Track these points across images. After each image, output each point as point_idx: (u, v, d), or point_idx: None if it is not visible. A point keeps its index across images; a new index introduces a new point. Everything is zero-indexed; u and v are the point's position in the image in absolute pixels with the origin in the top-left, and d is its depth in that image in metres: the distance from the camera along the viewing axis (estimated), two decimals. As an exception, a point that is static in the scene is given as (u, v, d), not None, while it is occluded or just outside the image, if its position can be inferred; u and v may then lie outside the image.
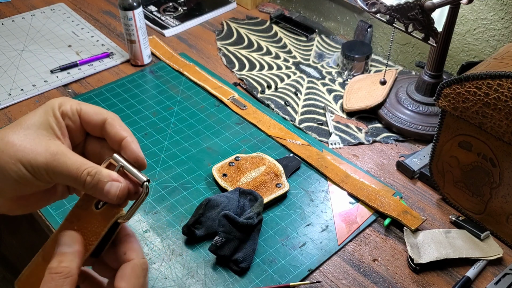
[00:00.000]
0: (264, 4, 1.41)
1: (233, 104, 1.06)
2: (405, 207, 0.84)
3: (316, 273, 0.77)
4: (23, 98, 1.07)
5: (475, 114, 0.74)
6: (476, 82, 0.72)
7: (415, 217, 0.82)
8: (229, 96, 1.08)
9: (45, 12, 1.37)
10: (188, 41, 1.27)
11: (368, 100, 1.04)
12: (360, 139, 1.00)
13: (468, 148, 0.79)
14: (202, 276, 0.75)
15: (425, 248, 0.78)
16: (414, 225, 0.81)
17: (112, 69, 1.17)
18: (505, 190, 0.77)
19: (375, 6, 0.86)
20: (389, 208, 0.84)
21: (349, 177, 0.90)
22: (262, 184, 0.86)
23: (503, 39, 1.00)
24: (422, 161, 0.92)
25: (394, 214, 0.83)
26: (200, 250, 0.79)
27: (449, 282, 0.75)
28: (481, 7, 1.00)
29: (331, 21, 1.31)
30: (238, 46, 1.25)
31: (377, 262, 0.78)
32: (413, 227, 0.80)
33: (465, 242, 0.79)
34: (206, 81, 1.12)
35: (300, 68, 1.18)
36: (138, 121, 1.03)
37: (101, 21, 1.34)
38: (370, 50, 1.14)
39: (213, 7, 1.38)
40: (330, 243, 0.81)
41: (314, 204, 0.87)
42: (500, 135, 0.73)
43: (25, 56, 1.19)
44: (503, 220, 0.79)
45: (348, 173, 0.91)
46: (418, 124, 0.98)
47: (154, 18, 1.34)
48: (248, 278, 0.75)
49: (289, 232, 0.82)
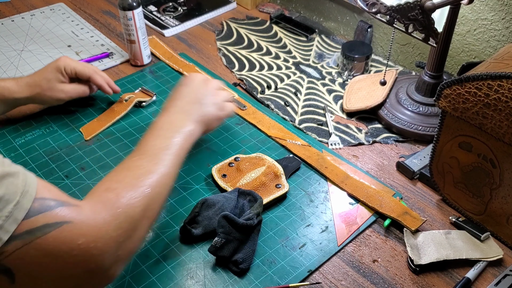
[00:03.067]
0: (264, 4, 1.41)
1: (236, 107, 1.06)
2: (405, 208, 0.84)
3: (315, 274, 0.77)
4: (23, 98, 1.07)
5: (476, 115, 0.74)
6: (477, 82, 0.72)
7: (415, 218, 0.82)
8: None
9: (44, 12, 1.37)
10: (188, 41, 1.27)
11: (368, 101, 1.04)
12: (360, 139, 0.99)
13: (468, 149, 0.79)
14: (201, 277, 0.75)
15: (425, 249, 0.78)
16: (414, 226, 0.80)
17: (112, 69, 1.17)
18: (505, 191, 0.77)
19: (375, 7, 0.86)
20: (389, 209, 0.84)
21: (349, 177, 0.90)
22: (261, 184, 0.86)
23: (504, 40, 1.00)
24: (422, 162, 0.92)
25: (394, 215, 0.83)
26: (200, 251, 0.79)
27: (449, 283, 0.75)
28: (482, 7, 1.00)
29: (331, 21, 1.31)
30: (238, 46, 1.25)
31: (377, 263, 0.78)
32: (413, 228, 0.80)
33: (465, 243, 0.79)
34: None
35: (300, 68, 1.18)
36: (137, 122, 1.02)
37: (101, 21, 1.34)
38: (370, 51, 1.14)
39: (213, 7, 1.38)
40: (330, 244, 0.80)
41: (314, 205, 0.87)
42: (500, 136, 0.72)
43: (25, 56, 1.19)
44: (503, 221, 0.79)
45: (348, 173, 0.91)
46: (418, 125, 0.98)
47: (154, 18, 1.34)
48: (248, 279, 0.75)
49: (289, 233, 0.82)
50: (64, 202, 0.56)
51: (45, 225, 0.53)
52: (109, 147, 0.96)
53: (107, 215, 0.59)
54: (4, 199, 0.50)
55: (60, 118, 1.03)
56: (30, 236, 0.51)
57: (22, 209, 0.51)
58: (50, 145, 0.97)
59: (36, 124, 1.01)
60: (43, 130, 1.00)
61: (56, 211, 0.54)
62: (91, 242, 0.55)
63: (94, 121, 1.02)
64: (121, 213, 0.61)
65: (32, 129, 1.00)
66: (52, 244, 0.53)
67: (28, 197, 0.52)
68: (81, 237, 0.55)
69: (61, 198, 0.57)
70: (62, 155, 0.94)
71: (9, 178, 0.51)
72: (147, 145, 0.74)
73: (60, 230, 0.54)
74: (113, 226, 0.59)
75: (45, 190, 0.55)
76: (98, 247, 0.56)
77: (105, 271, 0.58)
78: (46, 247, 0.52)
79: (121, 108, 1.04)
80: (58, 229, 0.53)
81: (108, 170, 0.92)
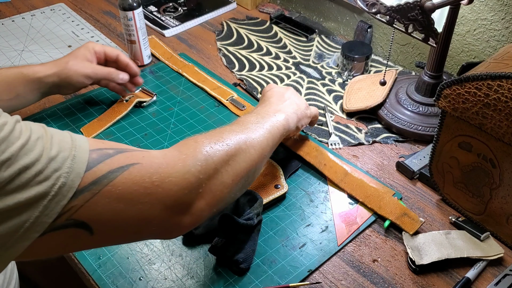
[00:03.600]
0: (264, 5, 1.41)
1: (232, 105, 1.06)
2: (404, 208, 0.84)
3: (316, 273, 0.77)
4: (23, 99, 1.07)
5: (475, 115, 0.74)
6: (476, 83, 0.72)
7: (413, 219, 0.81)
8: (228, 97, 1.08)
9: (45, 12, 1.37)
10: (188, 41, 1.27)
11: (368, 101, 1.04)
12: (360, 139, 1.00)
13: (468, 148, 0.79)
14: (202, 277, 0.75)
15: (426, 249, 0.78)
16: (412, 229, 0.80)
17: (112, 69, 1.17)
18: (505, 191, 0.77)
19: (375, 7, 0.86)
20: (387, 210, 0.83)
21: (348, 175, 0.90)
22: (261, 185, 0.86)
23: (503, 40, 1.00)
24: (422, 162, 0.92)
25: (393, 217, 0.82)
26: (200, 251, 0.79)
27: (449, 283, 0.75)
28: (481, 7, 1.00)
29: (331, 21, 1.31)
30: (238, 46, 1.25)
31: (377, 263, 0.78)
32: (411, 232, 0.80)
33: (465, 242, 0.79)
34: (205, 81, 1.12)
35: (300, 69, 1.18)
36: (138, 122, 1.02)
37: (101, 22, 1.34)
38: (370, 51, 1.14)
39: (213, 7, 1.38)
40: (330, 243, 0.81)
41: (314, 205, 0.87)
42: (500, 136, 0.73)
43: (25, 57, 1.19)
44: (503, 221, 0.79)
45: (347, 170, 0.91)
46: (418, 125, 0.98)
47: (154, 18, 1.34)
48: (248, 279, 0.75)
49: (289, 233, 0.82)
50: (125, 149, 0.56)
51: (110, 171, 0.52)
52: (110, 147, 0.96)
53: (183, 154, 0.58)
54: (60, 156, 0.49)
55: (60, 118, 1.03)
56: (97, 186, 0.50)
57: (81, 162, 0.50)
58: (51, 145, 0.97)
59: (37, 124, 1.01)
60: (43, 130, 1.00)
61: (117, 157, 0.53)
62: (165, 178, 0.55)
63: (94, 121, 1.02)
64: (199, 153, 0.60)
65: (33, 129, 1.00)
66: (123, 187, 0.52)
67: (83, 150, 0.51)
68: (153, 174, 0.54)
69: (120, 146, 0.56)
70: (62, 155, 0.94)
71: (58, 137, 0.51)
72: (239, 120, 0.73)
73: (128, 173, 0.53)
74: (191, 162, 0.58)
75: (99, 142, 0.54)
76: (174, 181, 0.55)
77: (186, 207, 0.57)
78: (117, 192, 0.52)
79: (121, 108, 1.04)
80: (125, 172, 0.53)
81: (109, 170, 0.92)
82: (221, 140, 0.64)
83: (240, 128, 0.70)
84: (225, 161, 0.63)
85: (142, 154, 0.56)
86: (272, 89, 0.88)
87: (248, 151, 0.67)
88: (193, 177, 0.58)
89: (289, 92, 0.87)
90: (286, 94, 0.86)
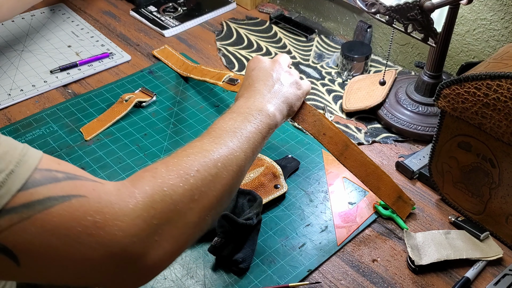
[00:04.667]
0: (263, 5, 1.41)
1: (227, 84, 1.02)
2: (399, 190, 0.83)
3: (315, 273, 0.77)
4: (23, 99, 1.07)
5: (475, 115, 0.74)
6: (476, 82, 0.72)
7: (406, 202, 0.84)
8: (224, 77, 1.04)
9: (45, 12, 1.37)
10: (188, 42, 1.27)
11: (368, 101, 1.04)
12: (360, 139, 1.00)
13: (467, 148, 0.79)
14: (201, 277, 0.75)
15: (425, 250, 0.78)
16: (404, 214, 0.83)
17: (112, 69, 1.17)
18: (504, 191, 0.77)
19: (375, 7, 0.86)
20: (385, 193, 0.81)
21: (349, 147, 0.81)
22: (260, 185, 0.86)
23: (503, 40, 1.00)
24: (422, 162, 0.92)
25: (390, 201, 0.82)
26: (200, 250, 0.79)
27: (449, 282, 0.75)
28: (481, 7, 1.00)
29: (331, 21, 1.31)
30: (238, 46, 1.25)
31: (377, 263, 0.78)
32: (403, 217, 0.83)
33: (465, 242, 0.79)
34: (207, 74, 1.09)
35: (299, 69, 1.18)
36: (137, 122, 1.03)
37: (101, 22, 1.34)
38: (370, 51, 1.14)
39: (212, 7, 1.38)
40: (329, 243, 0.81)
41: (313, 205, 0.87)
42: (499, 135, 0.73)
43: (25, 57, 1.19)
44: (503, 220, 0.79)
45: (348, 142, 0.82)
46: (418, 125, 0.98)
47: (154, 18, 1.34)
48: (248, 279, 0.75)
49: (289, 233, 0.82)
50: (78, 176, 0.48)
51: (48, 198, 0.45)
52: (109, 147, 0.97)
53: (136, 193, 0.50)
54: None
55: (60, 118, 1.03)
56: (28, 210, 0.44)
57: (17, 179, 0.44)
58: (50, 145, 0.97)
59: (36, 124, 1.01)
60: (43, 130, 1.00)
61: (63, 183, 0.46)
62: (110, 220, 0.47)
63: (94, 121, 1.02)
64: (156, 192, 0.51)
65: (32, 129, 1.00)
66: (59, 220, 0.45)
67: (26, 166, 0.45)
68: (97, 213, 0.46)
69: (75, 172, 0.48)
70: (62, 155, 0.94)
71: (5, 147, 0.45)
72: (213, 128, 0.65)
73: (68, 205, 0.45)
74: (144, 205, 0.49)
75: (53, 163, 0.47)
76: (122, 227, 0.47)
77: (138, 258, 0.49)
78: (52, 224, 0.44)
79: (121, 108, 1.04)
80: (65, 202, 0.45)
81: (108, 170, 0.92)
82: (184, 169, 0.55)
83: (210, 146, 0.60)
84: (189, 197, 0.53)
85: (93, 186, 0.48)
86: (257, 67, 0.80)
87: (220, 175, 0.57)
88: (144, 224, 0.49)
89: (277, 72, 0.79)
90: (274, 75, 0.78)
